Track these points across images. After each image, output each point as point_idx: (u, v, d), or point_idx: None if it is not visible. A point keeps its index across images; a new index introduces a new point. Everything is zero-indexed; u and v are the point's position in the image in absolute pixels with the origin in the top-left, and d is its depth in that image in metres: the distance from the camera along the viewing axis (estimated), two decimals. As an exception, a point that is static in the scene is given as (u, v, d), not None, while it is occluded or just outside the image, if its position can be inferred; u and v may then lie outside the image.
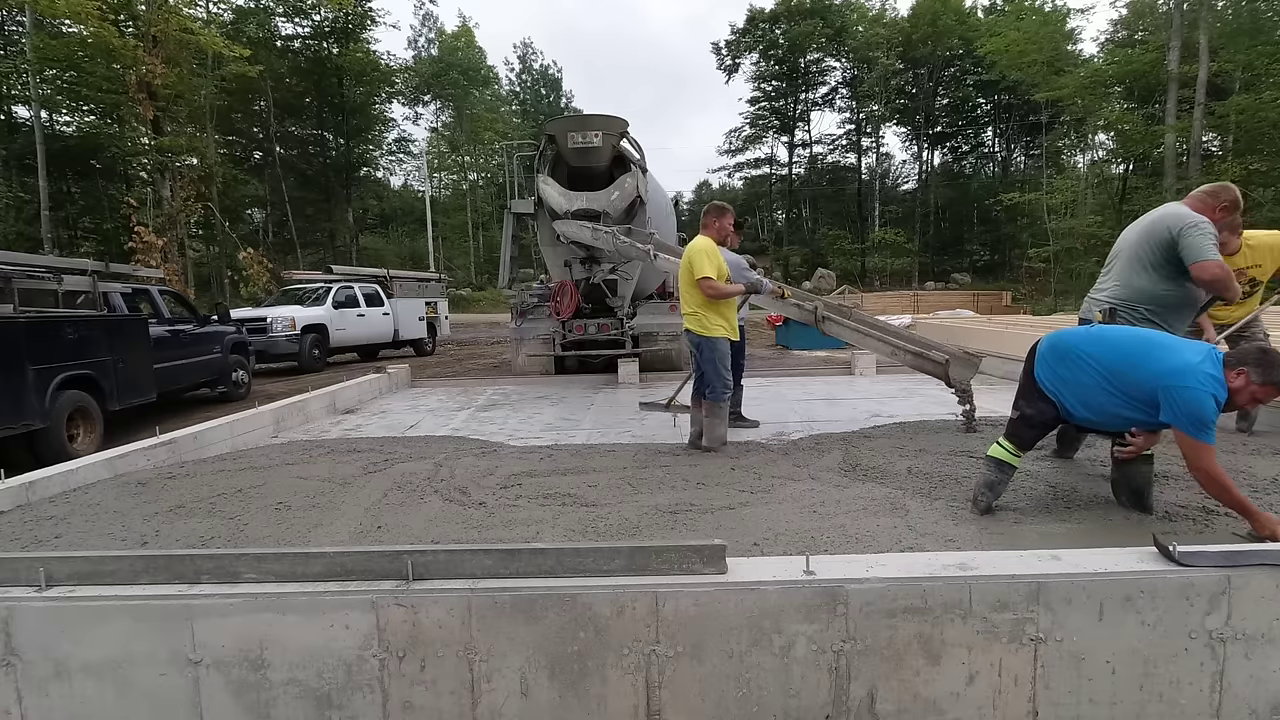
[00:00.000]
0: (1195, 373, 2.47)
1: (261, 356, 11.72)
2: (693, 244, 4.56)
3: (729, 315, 4.57)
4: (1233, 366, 2.49)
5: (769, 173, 50.41)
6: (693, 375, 4.82)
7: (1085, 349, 2.80)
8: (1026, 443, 3.02)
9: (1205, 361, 2.50)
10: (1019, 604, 1.84)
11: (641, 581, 1.89)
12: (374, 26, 37.31)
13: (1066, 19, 32.81)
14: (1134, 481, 3.03)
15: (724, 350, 4.49)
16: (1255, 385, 2.45)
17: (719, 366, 4.45)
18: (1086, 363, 2.76)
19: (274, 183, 35.50)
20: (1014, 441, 2.99)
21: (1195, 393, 2.45)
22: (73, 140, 27.10)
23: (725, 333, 4.50)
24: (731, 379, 4.69)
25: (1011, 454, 2.98)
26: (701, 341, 4.49)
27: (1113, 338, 2.83)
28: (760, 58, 46.90)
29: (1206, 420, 2.45)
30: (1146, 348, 2.67)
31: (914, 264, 42.57)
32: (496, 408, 7.14)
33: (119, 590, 1.94)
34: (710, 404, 4.54)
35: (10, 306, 5.60)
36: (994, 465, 3.01)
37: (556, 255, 9.61)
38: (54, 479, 3.83)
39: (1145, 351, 2.65)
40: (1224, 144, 28.12)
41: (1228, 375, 2.48)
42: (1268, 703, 1.89)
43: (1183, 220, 3.22)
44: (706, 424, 4.57)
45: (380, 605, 1.86)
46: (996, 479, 3.01)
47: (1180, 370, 2.50)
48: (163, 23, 20.68)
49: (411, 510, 3.36)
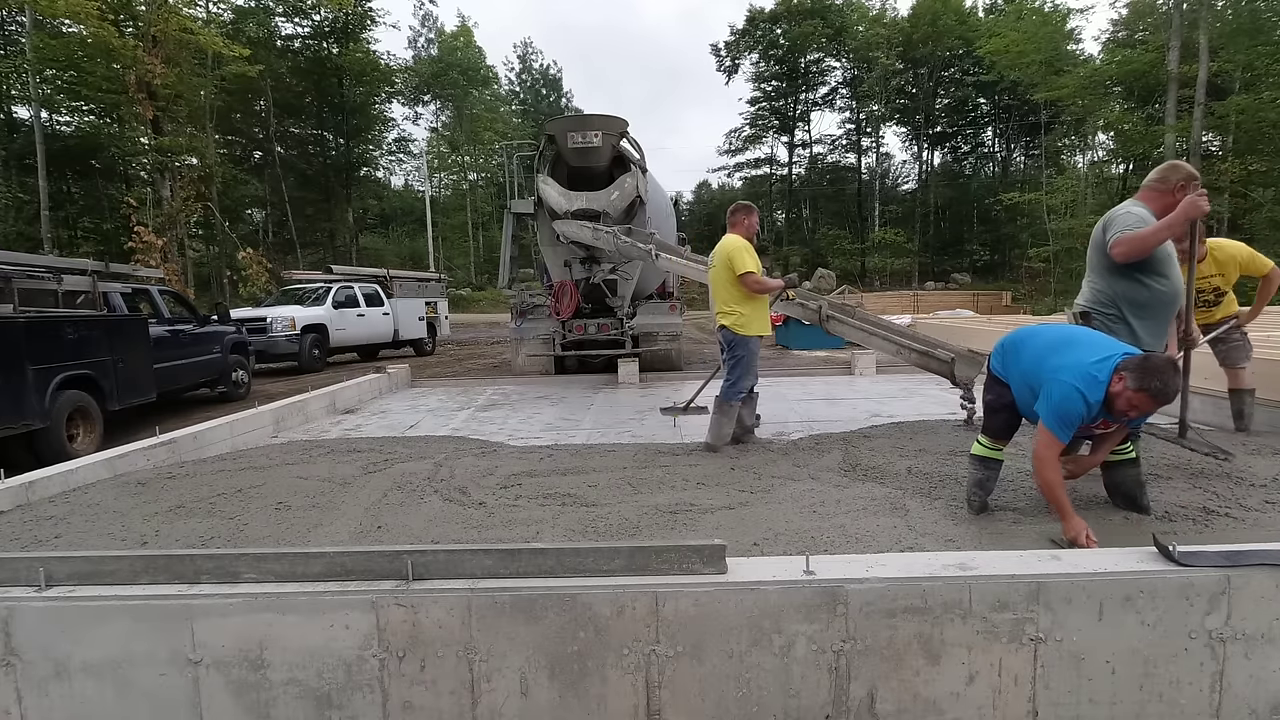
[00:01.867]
0: (1077, 370, 2.49)
1: (261, 356, 11.72)
2: (728, 241, 4.55)
3: (763, 312, 4.62)
4: (1119, 371, 2.46)
5: (769, 173, 50.51)
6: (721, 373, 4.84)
7: (1022, 344, 2.87)
8: (998, 431, 3.02)
9: (1098, 364, 2.49)
10: (1019, 604, 1.84)
11: (641, 581, 1.89)
12: (374, 26, 37.41)
13: (1066, 19, 32.84)
14: (1124, 486, 3.04)
15: (755, 349, 4.54)
16: (1130, 391, 2.41)
17: (752, 364, 4.50)
18: (1020, 356, 2.83)
19: (274, 183, 35.50)
20: (989, 434, 3.02)
21: (1066, 387, 2.47)
22: (72, 140, 27.10)
23: (759, 330, 4.54)
24: (755, 380, 4.75)
25: (989, 447, 3.01)
26: (736, 340, 4.51)
27: (1043, 334, 2.87)
28: (760, 58, 46.94)
29: (1066, 416, 2.47)
30: (1060, 345, 2.70)
31: (914, 264, 42.58)
32: (496, 408, 7.14)
33: (119, 590, 1.93)
34: (721, 402, 4.57)
35: (10, 306, 5.59)
36: (978, 462, 3.03)
37: (556, 255, 9.61)
38: (54, 479, 3.83)
39: (1055, 348, 2.69)
40: (1224, 144, 28.12)
41: (1113, 379, 2.46)
42: (1268, 703, 1.89)
43: (1109, 217, 3.26)
44: (714, 420, 4.59)
45: (380, 605, 1.86)
46: (984, 476, 3.03)
47: (1067, 366, 2.52)
48: (162, 22, 20.67)
49: (411, 510, 3.36)
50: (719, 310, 4.60)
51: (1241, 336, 4.47)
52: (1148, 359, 2.47)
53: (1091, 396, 2.44)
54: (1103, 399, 2.46)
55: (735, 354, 4.52)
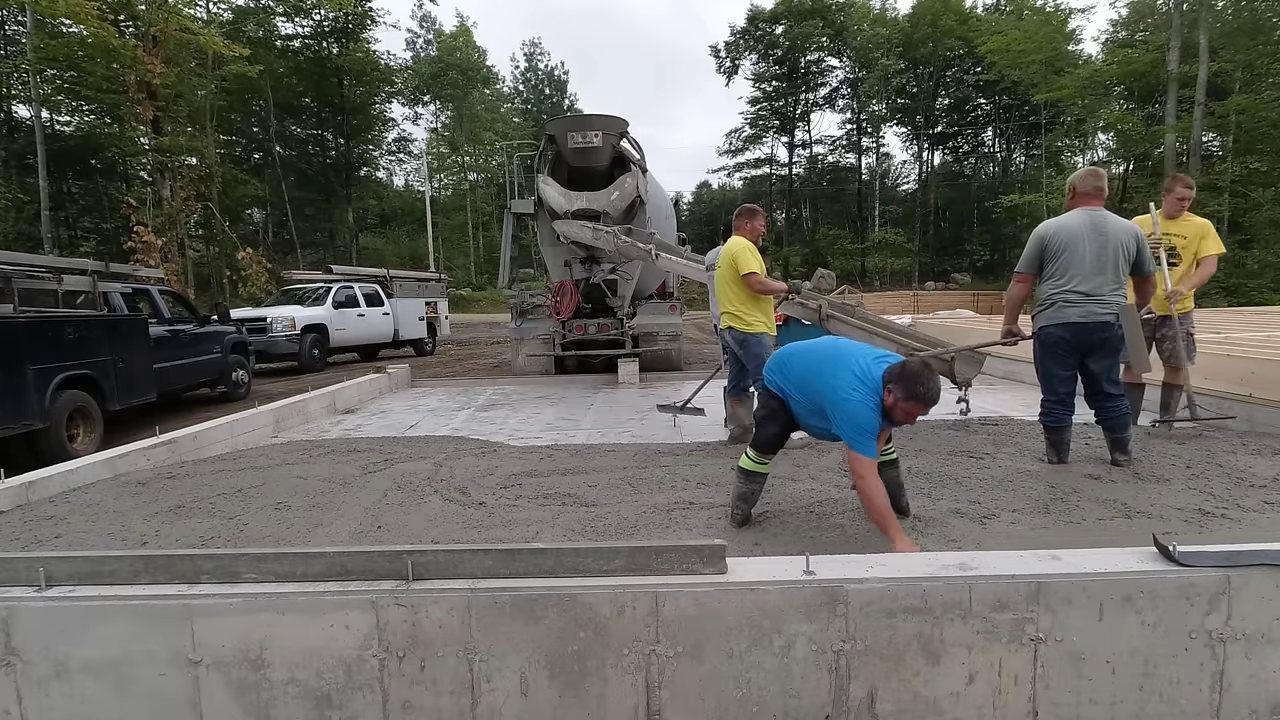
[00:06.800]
0: (854, 382, 2.53)
1: (261, 356, 11.72)
2: (733, 242, 4.62)
3: (769, 311, 4.66)
4: (887, 385, 2.52)
5: (769, 173, 50.49)
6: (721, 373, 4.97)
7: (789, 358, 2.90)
8: (767, 446, 2.98)
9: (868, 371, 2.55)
10: (1019, 604, 1.84)
11: (641, 581, 1.89)
12: (374, 26, 37.37)
13: (1067, 19, 32.85)
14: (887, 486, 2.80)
15: (768, 344, 4.56)
16: (902, 402, 2.47)
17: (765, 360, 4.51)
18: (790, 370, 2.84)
19: (274, 183, 35.47)
20: (757, 448, 2.98)
21: (854, 404, 2.51)
22: (73, 140, 27.12)
23: (766, 328, 4.57)
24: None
25: (757, 461, 2.97)
26: (746, 338, 4.54)
27: (808, 349, 2.89)
28: (760, 58, 46.93)
29: (866, 427, 2.50)
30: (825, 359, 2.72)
31: (914, 264, 42.58)
32: (496, 408, 7.14)
33: (119, 590, 1.93)
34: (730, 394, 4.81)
35: (10, 306, 5.59)
36: (744, 476, 2.99)
37: (556, 255, 9.61)
38: (54, 479, 3.83)
39: (822, 363, 2.71)
40: (1224, 144, 28.12)
41: (884, 393, 2.52)
42: (1268, 703, 1.89)
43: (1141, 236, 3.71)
44: (730, 414, 4.80)
45: (380, 605, 1.86)
46: (749, 489, 3.01)
47: (844, 384, 2.55)
48: (162, 23, 20.68)
49: (411, 510, 3.36)
50: (724, 311, 4.63)
51: (1188, 338, 4.55)
52: (904, 369, 2.53)
53: (874, 402, 2.52)
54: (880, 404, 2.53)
55: (749, 351, 4.55)
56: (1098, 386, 3.68)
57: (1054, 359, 3.72)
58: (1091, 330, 3.57)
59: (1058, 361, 3.71)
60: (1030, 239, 3.81)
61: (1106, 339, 3.58)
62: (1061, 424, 3.76)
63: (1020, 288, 3.89)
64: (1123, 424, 3.71)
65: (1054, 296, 3.65)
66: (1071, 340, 3.63)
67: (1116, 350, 3.64)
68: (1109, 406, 3.69)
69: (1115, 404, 3.68)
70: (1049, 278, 3.69)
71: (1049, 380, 3.75)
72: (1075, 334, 3.60)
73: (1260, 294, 21.19)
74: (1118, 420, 3.70)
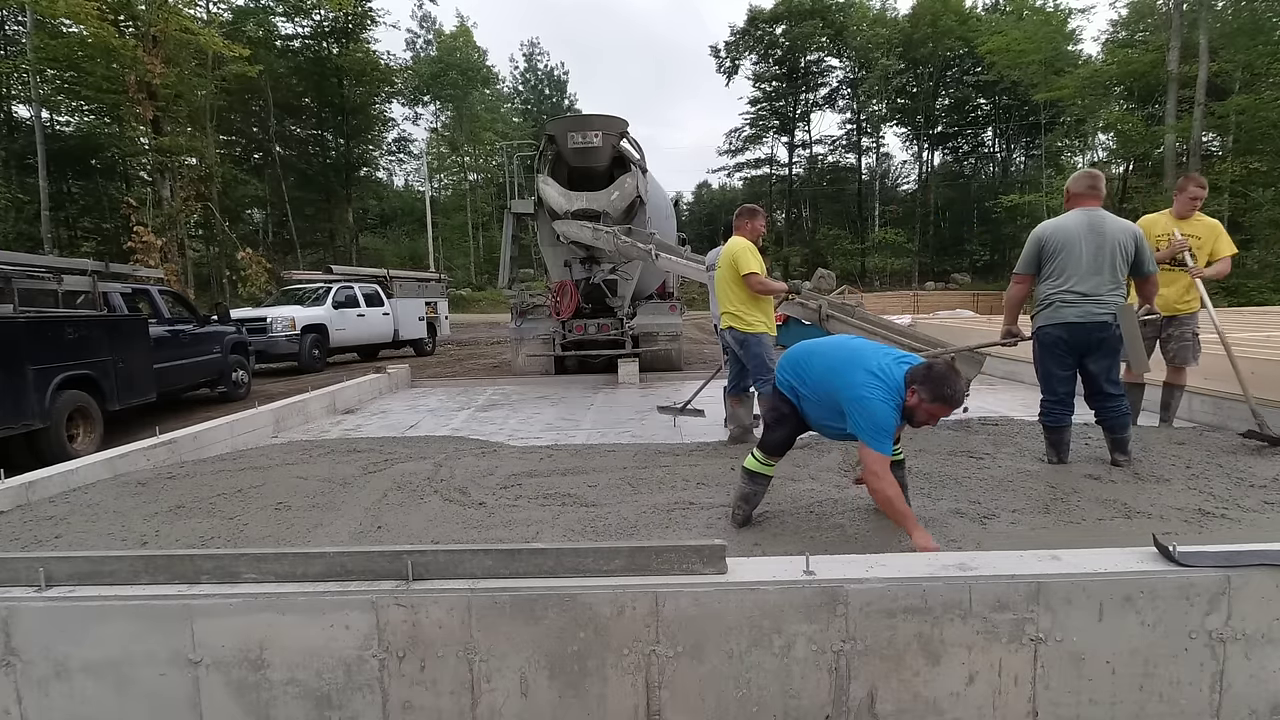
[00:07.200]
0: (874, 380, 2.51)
1: (261, 356, 11.72)
2: (733, 243, 4.63)
3: (769, 311, 4.67)
4: (909, 385, 2.50)
5: (769, 173, 50.50)
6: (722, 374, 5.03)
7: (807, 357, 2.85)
8: (775, 448, 2.96)
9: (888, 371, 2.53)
10: (1019, 604, 1.84)
11: (641, 581, 1.89)
12: (374, 26, 37.38)
13: (1067, 20, 32.85)
14: None
15: (769, 343, 4.58)
16: (926, 403, 2.46)
17: (766, 359, 4.54)
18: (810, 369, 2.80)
19: (274, 183, 35.47)
20: (764, 450, 2.96)
21: (873, 402, 2.49)
22: (73, 140, 27.12)
23: (766, 328, 4.58)
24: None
25: (763, 463, 2.95)
26: (747, 338, 4.55)
27: (826, 348, 2.86)
28: (760, 59, 46.93)
29: (883, 426, 2.48)
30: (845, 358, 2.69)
31: (914, 264, 42.58)
32: (496, 408, 7.14)
33: (119, 590, 1.93)
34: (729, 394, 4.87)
35: (10, 306, 5.59)
36: (748, 477, 2.98)
37: (556, 255, 9.61)
38: (54, 479, 3.83)
39: (843, 361, 2.68)
40: (1224, 144, 28.12)
41: (907, 394, 2.50)
42: (1268, 703, 1.89)
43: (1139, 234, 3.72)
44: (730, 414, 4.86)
45: (380, 605, 1.86)
46: (752, 490, 2.99)
47: (862, 381, 2.53)
48: (162, 23, 20.68)
49: (411, 510, 3.36)
50: (724, 311, 4.63)
51: (1193, 337, 4.55)
52: (930, 370, 2.51)
53: (894, 401, 2.50)
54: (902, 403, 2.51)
55: (749, 351, 4.56)
56: (1097, 386, 3.68)
57: (1053, 359, 3.72)
58: (1089, 330, 3.57)
59: (1056, 361, 3.71)
60: (1028, 240, 3.81)
61: (1104, 339, 3.58)
62: (1061, 424, 3.77)
63: (1019, 288, 3.90)
64: (1122, 424, 3.71)
65: (1052, 297, 3.65)
66: (1069, 340, 3.63)
67: (1115, 350, 3.64)
68: (1109, 407, 3.69)
69: (1115, 404, 3.68)
70: (1046, 278, 3.70)
71: (1048, 380, 3.76)
72: (1073, 334, 3.61)
73: (1260, 294, 21.19)
74: (1117, 420, 3.70)
